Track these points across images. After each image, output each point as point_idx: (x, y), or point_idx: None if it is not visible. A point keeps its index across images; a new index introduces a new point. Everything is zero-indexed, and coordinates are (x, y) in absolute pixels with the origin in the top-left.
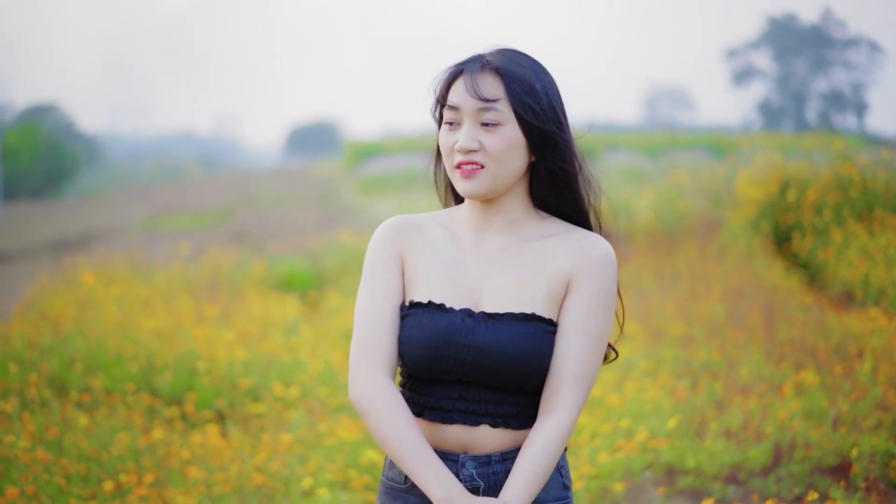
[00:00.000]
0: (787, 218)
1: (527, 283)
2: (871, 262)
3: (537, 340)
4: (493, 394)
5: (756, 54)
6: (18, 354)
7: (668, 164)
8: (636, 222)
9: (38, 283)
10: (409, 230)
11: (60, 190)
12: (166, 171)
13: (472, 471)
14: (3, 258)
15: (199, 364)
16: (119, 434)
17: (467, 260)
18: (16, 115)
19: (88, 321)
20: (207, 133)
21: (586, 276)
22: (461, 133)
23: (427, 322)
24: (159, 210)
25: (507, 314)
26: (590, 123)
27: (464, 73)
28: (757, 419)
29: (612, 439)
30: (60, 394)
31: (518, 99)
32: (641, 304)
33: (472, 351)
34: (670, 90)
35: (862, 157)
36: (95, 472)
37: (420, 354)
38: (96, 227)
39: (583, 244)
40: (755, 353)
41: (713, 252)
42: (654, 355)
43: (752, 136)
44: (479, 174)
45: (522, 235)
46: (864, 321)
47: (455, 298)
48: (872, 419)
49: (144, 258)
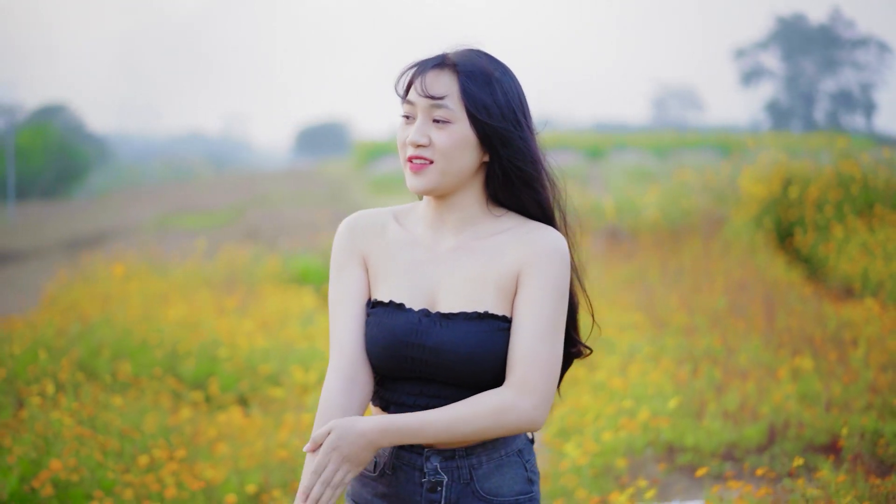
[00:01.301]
0: (789, 214)
1: (478, 282)
2: (871, 257)
3: (490, 338)
4: (452, 390)
5: (764, 54)
6: (48, 342)
7: (675, 163)
8: (642, 219)
9: (58, 277)
10: (370, 229)
11: (71, 190)
12: (176, 171)
13: (436, 464)
14: (17, 256)
15: (220, 351)
16: (148, 414)
17: (424, 260)
18: (26, 116)
19: (113, 312)
20: (216, 133)
21: (535, 267)
22: (413, 127)
23: (387, 322)
24: (170, 209)
25: (460, 314)
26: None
27: (423, 69)
28: (753, 401)
29: (615, 419)
30: (90, 378)
31: (471, 97)
32: (646, 296)
33: (428, 350)
34: (679, 90)
35: (863, 155)
36: (129, 448)
37: (380, 353)
38: (108, 226)
39: (532, 237)
40: (754, 340)
41: (717, 248)
42: (657, 343)
43: (761, 136)
44: (428, 170)
45: (476, 233)
46: (860, 311)
47: (414, 298)
48: (863, 401)
49: (160, 255)
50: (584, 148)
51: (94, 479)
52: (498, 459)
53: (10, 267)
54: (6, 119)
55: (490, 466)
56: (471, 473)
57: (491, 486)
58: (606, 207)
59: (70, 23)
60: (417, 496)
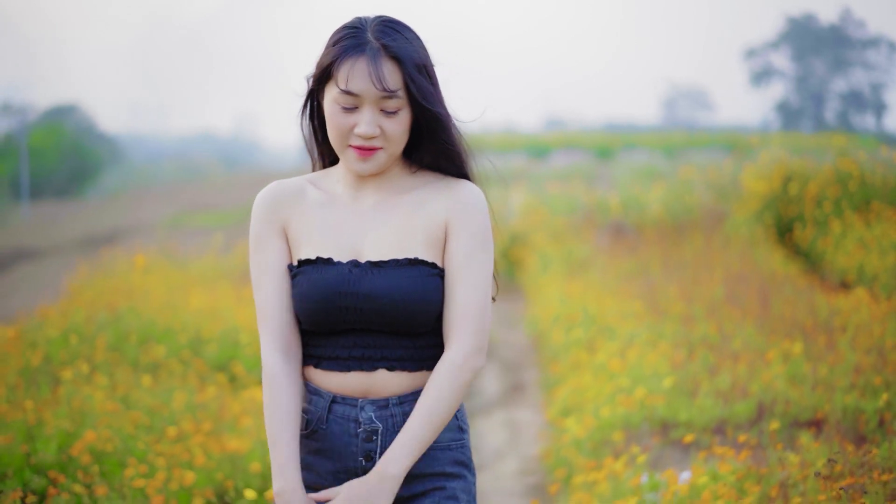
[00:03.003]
0: (789, 210)
1: (406, 231)
2: (867, 251)
3: (422, 283)
4: (387, 339)
5: (775, 54)
6: (79, 329)
7: (684, 163)
8: (647, 215)
9: (79, 272)
10: (287, 196)
11: (83, 189)
12: (187, 171)
13: (370, 413)
14: (33, 254)
15: (241, 337)
16: (176, 392)
17: (347, 216)
18: (38, 116)
19: (138, 302)
20: (227, 133)
21: (461, 220)
22: (362, 119)
23: (316, 276)
24: (183, 208)
25: (391, 261)
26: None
27: (362, 59)
28: (744, 381)
29: (613, 397)
30: (120, 361)
31: (416, 85)
32: (648, 287)
33: (362, 298)
34: (689, 90)
35: (861, 153)
36: (158, 422)
37: (313, 308)
38: (122, 224)
39: (453, 190)
40: (749, 327)
41: (718, 242)
42: (656, 329)
43: (770, 136)
44: (376, 155)
45: (397, 189)
46: (852, 301)
47: (340, 253)
48: (847, 380)
49: (177, 250)
50: (593, 148)
51: (126, 449)
52: None
53: (26, 264)
54: (19, 119)
55: None
56: (405, 421)
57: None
58: (612, 204)
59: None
60: (353, 447)
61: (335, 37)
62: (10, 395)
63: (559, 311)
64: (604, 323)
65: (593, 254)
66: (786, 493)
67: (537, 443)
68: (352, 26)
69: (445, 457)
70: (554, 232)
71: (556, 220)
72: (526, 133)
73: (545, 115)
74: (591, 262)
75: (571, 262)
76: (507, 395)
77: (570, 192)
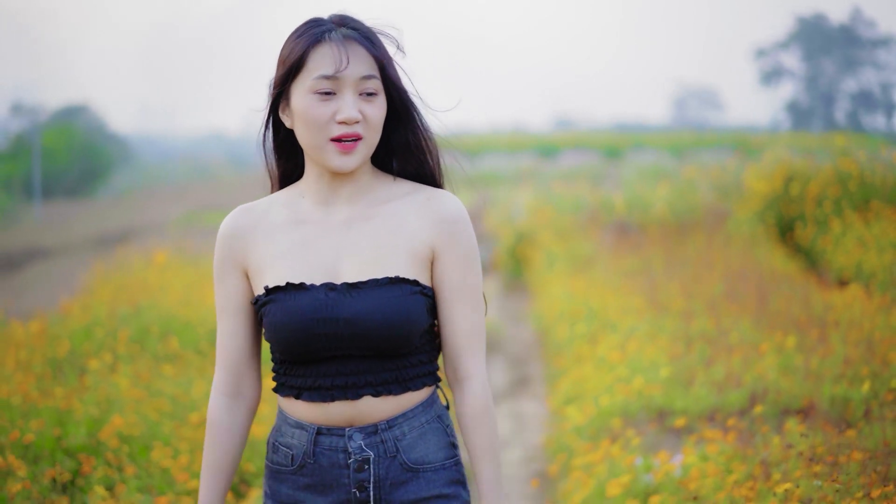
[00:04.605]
0: (790, 210)
1: (384, 248)
2: (865, 249)
3: (405, 302)
4: (370, 363)
5: (785, 54)
6: (102, 322)
7: (691, 163)
8: (650, 214)
9: (94, 270)
10: (249, 224)
11: (94, 189)
12: (197, 171)
13: (360, 442)
14: (46, 253)
15: None
16: (195, 381)
17: (317, 235)
18: (48, 116)
19: (156, 297)
20: (236, 133)
21: (451, 241)
22: (344, 104)
23: (290, 304)
24: (194, 207)
25: (370, 280)
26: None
27: (335, 41)
28: (738, 371)
29: (612, 387)
30: (142, 352)
31: (389, 67)
32: (649, 284)
33: (342, 323)
34: (699, 90)
35: (861, 153)
36: (180, 409)
37: (289, 337)
38: (134, 223)
39: (434, 205)
40: (745, 322)
41: (720, 241)
42: (655, 324)
43: (779, 137)
44: (358, 147)
45: (371, 201)
46: (846, 297)
47: (312, 275)
48: (836, 371)
49: (191, 248)
50: (602, 148)
51: (151, 434)
52: (420, 428)
53: (40, 263)
54: (30, 119)
55: (413, 436)
56: (396, 446)
57: (417, 456)
58: (617, 203)
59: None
60: (345, 478)
61: (297, 32)
62: (39, 384)
63: (564, 306)
64: (606, 318)
65: (597, 252)
66: (768, 471)
67: (541, 432)
68: (312, 21)
69: (440, 477)
70: (560, 230)
71: (562, 219)
72: (535, 133)
73: (554, 114)
74: (595, 260)
75: (576, 259)
76: (513, 388)
77: (576, 191)
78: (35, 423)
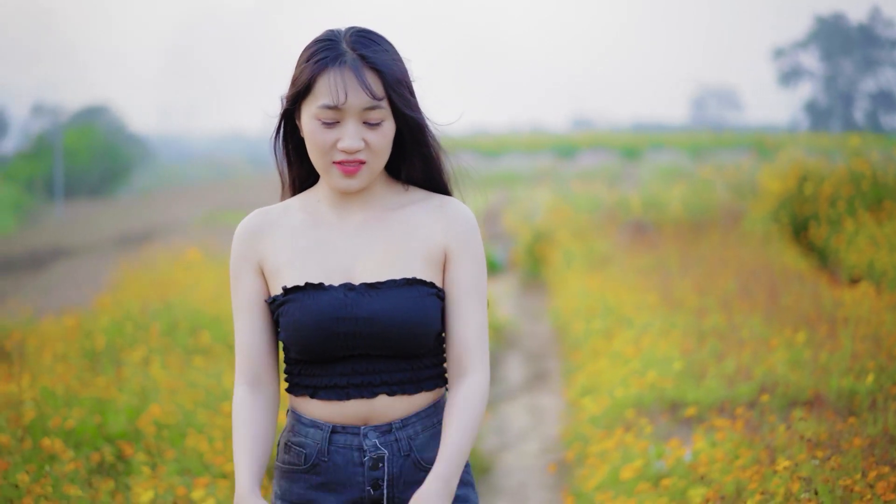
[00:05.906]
0: (804, 209)
1: (400, 250)
2: (877, 248)
3: (423, 303)
4: (386, 363)
5: (804, 54)
6: (134, 318)
7: (708, 163)
8: (666, 213)
9: (120, 268)
10: (266, 225)
11: (115, 189)
12: (216, 171)
13: (374, 440)
14: (69, 252)
15: None
16: (227, 372)
17: (333, 237)
18: (69, 117)
19: (185, 293)
20: (255, 134)
21: (463, 246)
22: (345, 133)
23: (309, 303)
24: (214, 207)
25: (388, 281)
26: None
27: (342, 71)
28: (748, 365)
29: (626, 379)
30: (174, 346)
31: (397, 94)
32: (664, 282)
33: (361, 322)
34: (718, 90)
35: (874, 153)
36: (213, 399)
37: (309, 336)
38: (156, 222)
39: (447, 212)
40: (757, 318)
41: (734, 240)
42: (669, 320)
43: (797, 137)
44: (361, 171)
45: (384, 205)
46: (856, 294)
47: (329, 276)
48: (844, 365)
49: (215, 247)
50: (620, 148)
51: (187, 422)
52: (432, 428)
53: (63, 262)
54: (51, 119)
55: (426, 436)
56: (409, 445)
57: (430, 455)
58: (633, 203)
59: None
60: (359, 476)
61: (308, 51)
62: (79, 375)
63: (580, 303)
64: (621, 314)
65: (614, 250)
66: (773, 455)
67: (558, 424)
68: (326, 39)
69: None
70: (577, 229)
71: (580, 217)
72: (554, 133)
73: (573, 115)
74: (611, 258)
75: (593, 257)
76: (530, 383)
77: (594, 191)
78: (77, 412)
